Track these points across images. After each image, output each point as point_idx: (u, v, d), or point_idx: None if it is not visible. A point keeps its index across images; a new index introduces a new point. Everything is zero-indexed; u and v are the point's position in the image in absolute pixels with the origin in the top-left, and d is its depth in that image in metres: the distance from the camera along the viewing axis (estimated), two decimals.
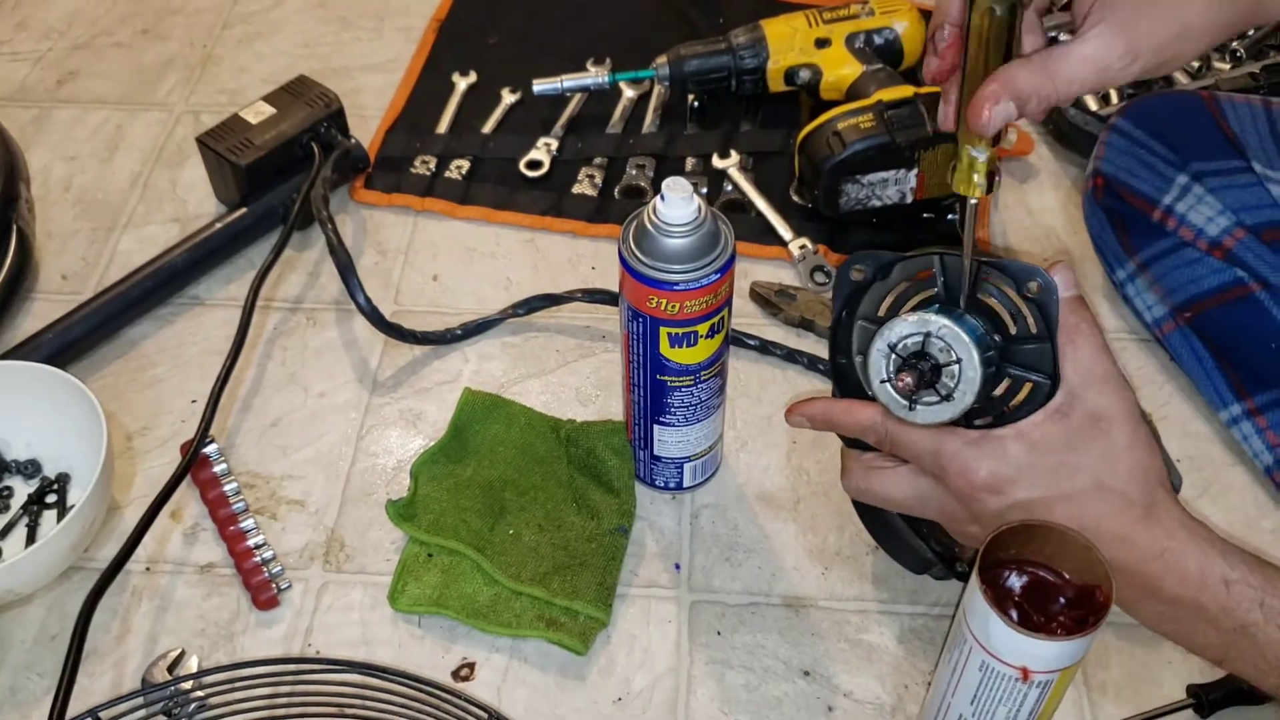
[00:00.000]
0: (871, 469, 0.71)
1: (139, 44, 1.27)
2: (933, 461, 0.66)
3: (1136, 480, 0.63)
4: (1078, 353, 0.63)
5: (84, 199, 1.10)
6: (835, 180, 1.01)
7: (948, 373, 0.63)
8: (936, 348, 0.63)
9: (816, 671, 0.78)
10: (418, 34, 1.27)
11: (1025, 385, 0.65)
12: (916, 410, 0.65)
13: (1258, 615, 0.60)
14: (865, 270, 0.68)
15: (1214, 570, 0.61)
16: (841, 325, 0.70)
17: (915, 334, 0.64)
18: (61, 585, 0.83)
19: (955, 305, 0.65)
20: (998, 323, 0.65)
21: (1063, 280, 0.63)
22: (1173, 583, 0.62)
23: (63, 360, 0.93)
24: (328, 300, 1.02)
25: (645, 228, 0.74)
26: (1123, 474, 0.63)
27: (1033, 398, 0.64)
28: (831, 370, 0.72)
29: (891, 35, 1.13)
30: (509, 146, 1.14)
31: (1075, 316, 0.63)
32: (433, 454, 0.88)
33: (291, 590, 0.83)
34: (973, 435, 0.65)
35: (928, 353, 0.64)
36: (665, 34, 1.20)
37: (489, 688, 0.78)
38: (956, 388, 0.63)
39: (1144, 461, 0.63)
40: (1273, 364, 0.86)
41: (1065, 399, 0.63)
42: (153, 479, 0.88)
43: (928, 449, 0.66)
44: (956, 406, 0.64)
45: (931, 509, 0.69)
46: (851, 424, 0.70)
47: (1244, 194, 0.88)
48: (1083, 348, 0.63)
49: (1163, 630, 0.65)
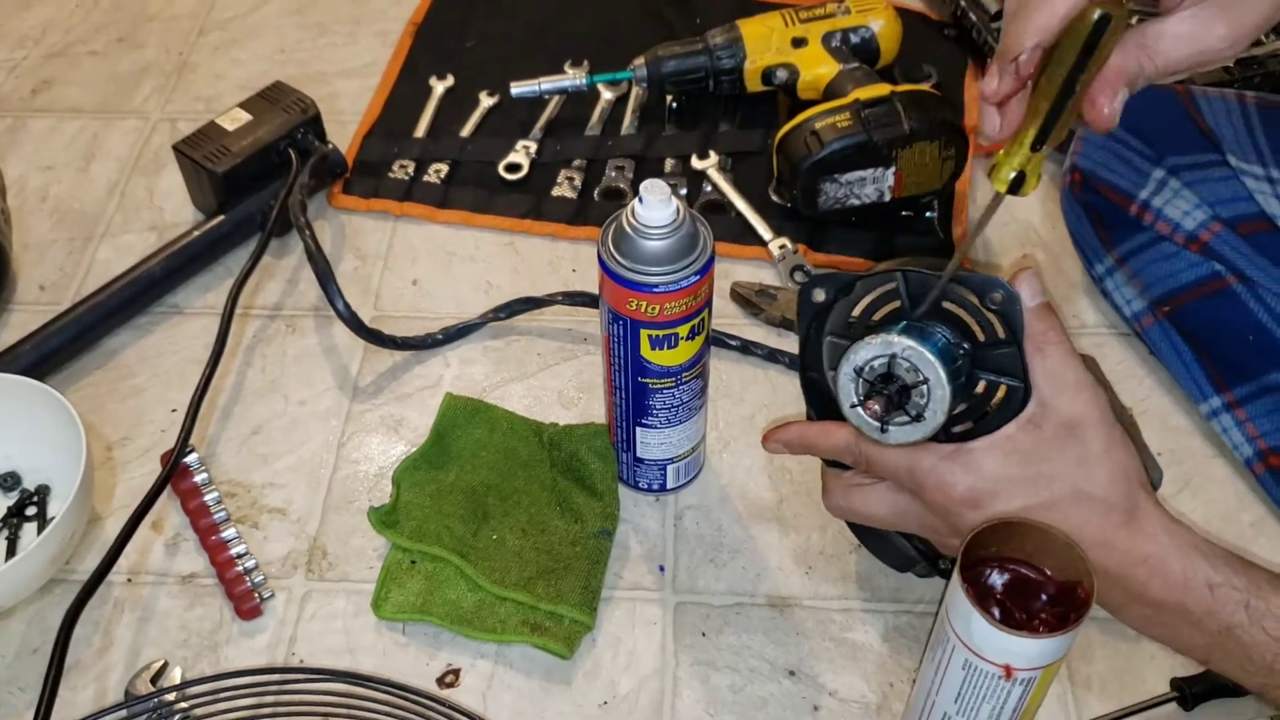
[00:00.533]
0: (851, 487, 0.71)
1: (114, 52, 1.26)
2: (909, 479, 0.67)
3: (1116, 485, 0.63)
4: (1046, 361, 0.63)
5: (61, 209, 1.10)
6: (813, 179, 1.01)
7: (917, 393, 0.63)
8: (903, 368, 0.63)
9: (802, 671, 0.79)
10: (394, 38, 1.27)
11: (1000, 388, 0.65)
12: (889, 432, 0.65)
13: (1242, 617, 0.60)
14: (826, 292, 0.68)
15: (1198, 574, 0.61)
16: (810, 342, 0.70)
17: (881, 355, 0.63)
18: (42, 598, 0.82)
19: (920, 320, 0.65)
20: (966, 331, 0.65)
21: (1027, 289, 0.63)
22: (1157, 587, 0.62)
23: (41, 371, 0.92)
24: (307, 307, 1.01)
25: (624, 230, 0.74)
26: (1101, 480, 0.63)
27: (1009, 402, 0.64)
28: (803, 386, 0.72)
29: (868, 34, 1.13)
30: (487, 150, 1.14)
31: (1042, 325, 0.63)
32: (415, 460, 0.88)
33: (274, 599, 0.82)
34: (947, 450, 0.65)
35: (895, 374, 0.63)
36: (642, 35, 1.20)
37: (474, 694, 0.78)
38: (927, 407, 0.63)
39: (1122, 465, 0.63)
40: (1251, 356, 0.87)
41: (1037, 408, 0.63)
42: (133, 489, 0.88)
43: (903, 466, 0.66)
44: (928, 426, 0.64)
45: (912, 523, 0.70)
46: (827, 447, 0.70)
47: (1220, 187, 0.88)
48: (1051, 356, 0.63)
49: (1149, 633, 0.66)
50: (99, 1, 1.33)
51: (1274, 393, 0.85)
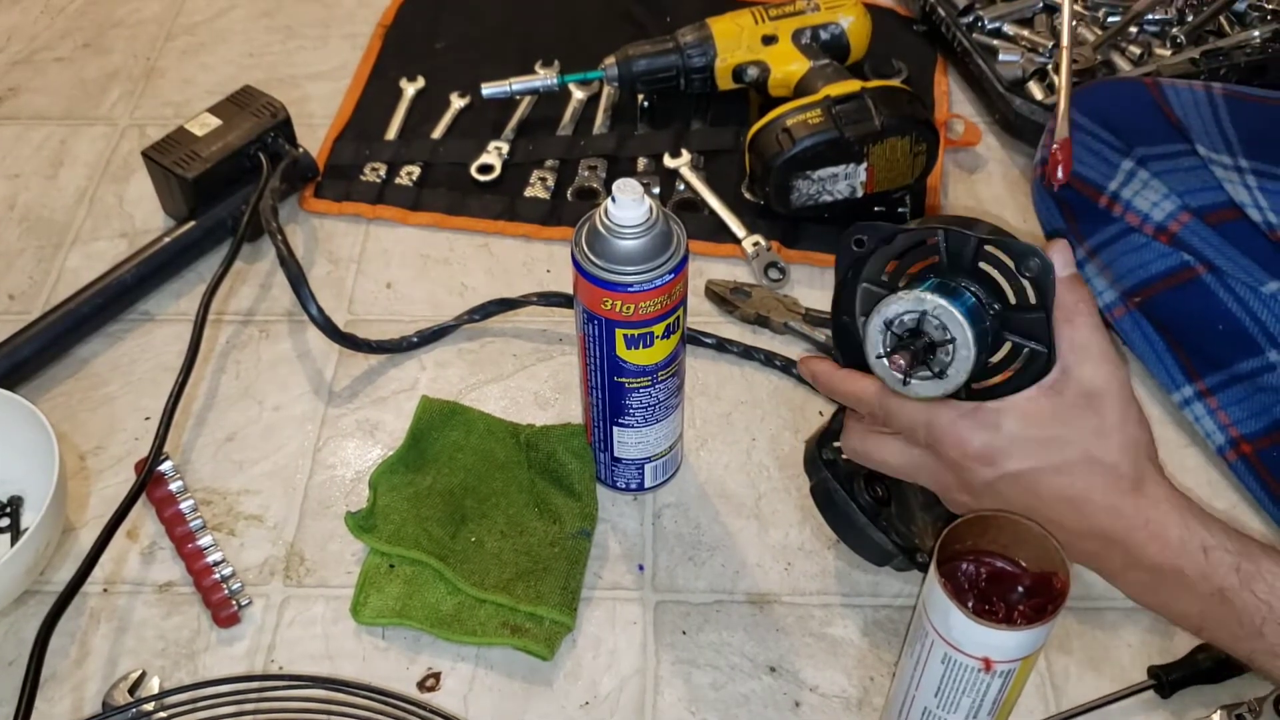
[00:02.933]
0: (870, 432, 0.72)
1: (81, 58, 1.25)
2: (926, 433, 0.68)
3: (1126, 454, 0.64)
4: (1075, 332, 0.64)
5: (29, 217, 1.09)
6: (786, 176, 1.01)
7: (943, 351, 0.64)
8: (932, 325, 0.64)
9: (783, 667, 0.79)
10: (364, 41, 1.26)
11: (1024, 351, 0.66)
12: (911, 385, 0.66)
13: (1234, 580, 0.62)
14: (866, 241, 0.69)
15: (1194, 537, 0.63)
16: (845, 286, 0.71)
17: (912, 311, 0.64)
18: (17, 610, 0.81)
19: (954, 278, 0.66)
20: (998, 291, 0.66)
21: (1060, 259, 0.64)
22: (1155, 550, 0.64)
23: (12, 381, 0.91)
24: (280, 312, 1.01)
25: (597, 230, 0.74)
26: (1114, 449, 0.64)
27: (1030, 365, 0.65)
28: (834, 330, 0.73)
29: (838, 30, 1.14)
30: (459, 151, 1.13)
31: (1073, 296, 0.64)
32: (391, 464, 0.88)
33: (252, 607, 0.82)
34: (966, 407, 0.66)
35: (923, 330, 0.64)
36: (613, 35, 1.20)
37: (455, 697, 0.77)
38: (950, 365, 0.64)
39: (1134, 437, 0.65)
40: (1221, 345, 0.87)
41: (1060, 375, 0.65)
42: (108, 499, 0.87)
43: (921, 421, 0.67)
44: (950, 384, 0.65)
45: (924, 476, 0.70)
46: (848, 393, 0.72)
47: (1188, 177, 0.89)
48: (1080, 326, 0.64)
49: (1144, 600, 0.67)
50: (64, 8, 1.32)
51: (1244, 381, 0.86)
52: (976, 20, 1.21)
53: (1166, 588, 0.64)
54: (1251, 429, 0.86)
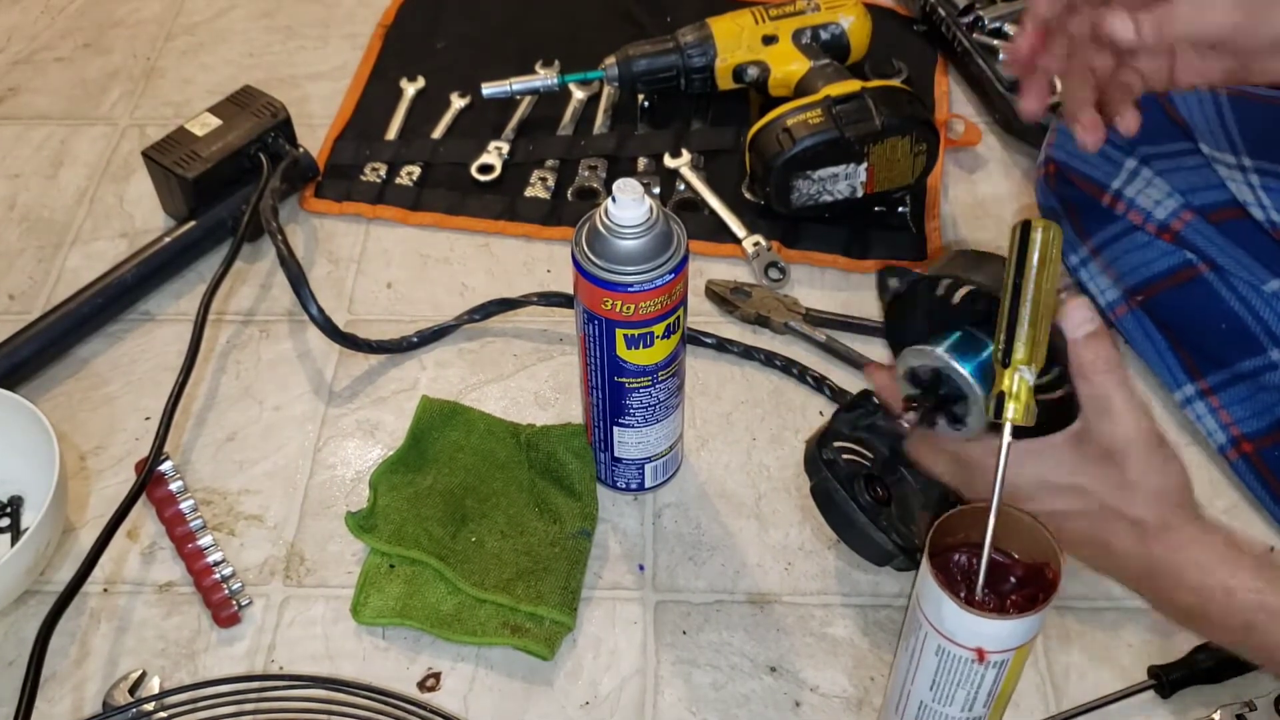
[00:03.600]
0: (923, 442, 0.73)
1: (81, 58, 1.25)
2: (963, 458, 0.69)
3: (1150, 506, 0.64)
4: (1091, 389, 0.63)
5: (29, 217, 1.09)
6: (786, 176, 1.01)
7: (959, 406, 0.66)
8: (948, 380, 0.65)
9: (783, 667, 0.79)
10: (364, 41, 1.26)
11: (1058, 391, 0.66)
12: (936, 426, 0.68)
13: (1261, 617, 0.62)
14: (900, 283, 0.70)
15: (1214, 581, 0.63)
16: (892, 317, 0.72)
17: (928, 366, 0.66)
18: (17, 610, 0.81)
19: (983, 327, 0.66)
20: None
21: (1076, 318, 0.63)
22: (1178, 593, 0.64)
23: (12, 381, 0.91)
24: (280, 312, 1.01)
25: (597, 230, 0.73)
26: (1136, 503, 0.64)
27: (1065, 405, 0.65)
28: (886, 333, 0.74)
29: (838, 30, 1.13)
30: (460, 151, 1.13)
31: (1090, 354, 0.63)
32: (391, 463, 0.87)
33: (252, 606, 0.82)
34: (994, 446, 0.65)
35: (943, 380, 0.66)
36: (613, 35, 1.20)
37: (455, 697, 0.77)
38: (968, 415, 0.66)
39: (1159, 487, 0.64)
40: (1223, 344, 0.87)
41: (1082, 426, 0.65)
42: (108, 499, 0.87)
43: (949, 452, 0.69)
44: (969, 432, 0.66)
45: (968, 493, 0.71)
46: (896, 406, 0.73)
47: (1192, 175, 0.89)
48: (1096, 385, 0.63)
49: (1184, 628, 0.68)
50: (64, 8, 1.32)
51: (1246, 380, 0.86)
52: (976, 20, 1.21)
53: (1194, 623, 0.66)
54: (1253, 428, 0.86)
